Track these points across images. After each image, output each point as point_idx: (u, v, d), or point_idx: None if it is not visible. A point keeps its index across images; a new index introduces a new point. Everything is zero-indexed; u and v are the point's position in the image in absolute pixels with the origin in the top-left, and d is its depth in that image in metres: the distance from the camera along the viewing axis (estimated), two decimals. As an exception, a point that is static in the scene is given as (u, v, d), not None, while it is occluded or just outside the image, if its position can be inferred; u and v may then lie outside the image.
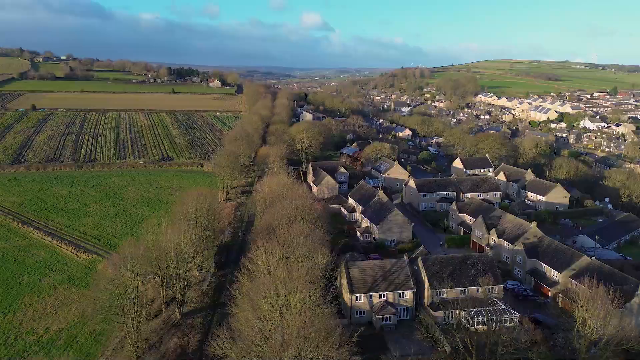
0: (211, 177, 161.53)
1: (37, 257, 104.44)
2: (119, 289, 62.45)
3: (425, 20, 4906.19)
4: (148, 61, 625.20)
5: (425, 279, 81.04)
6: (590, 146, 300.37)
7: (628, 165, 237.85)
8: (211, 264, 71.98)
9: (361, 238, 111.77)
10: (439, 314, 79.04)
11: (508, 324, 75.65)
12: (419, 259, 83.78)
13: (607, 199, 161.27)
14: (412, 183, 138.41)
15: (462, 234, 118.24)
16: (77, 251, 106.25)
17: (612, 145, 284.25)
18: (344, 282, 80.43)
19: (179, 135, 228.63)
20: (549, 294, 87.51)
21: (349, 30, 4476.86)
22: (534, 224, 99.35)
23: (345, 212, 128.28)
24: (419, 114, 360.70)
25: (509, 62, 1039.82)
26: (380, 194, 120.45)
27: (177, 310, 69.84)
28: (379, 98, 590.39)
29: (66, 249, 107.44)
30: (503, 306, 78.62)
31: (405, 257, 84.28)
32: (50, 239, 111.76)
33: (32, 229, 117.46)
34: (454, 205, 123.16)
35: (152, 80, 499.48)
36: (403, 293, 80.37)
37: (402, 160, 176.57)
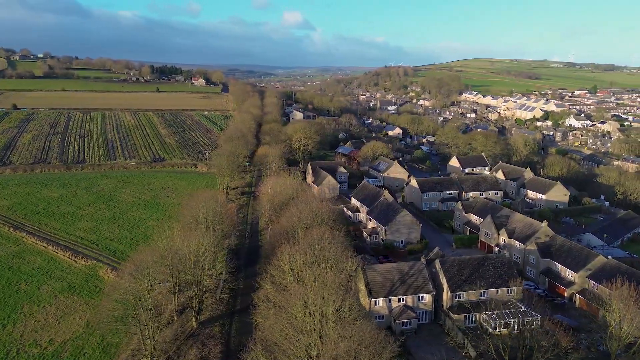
0: (207, 178, 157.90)
1: (32, 264, 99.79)
2: (135, 299, 59.16)
3: (406, 20, 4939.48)
4: (128, 59, 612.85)
5: (445, 281, 79.40)
6: (576, 144, 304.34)
7: (616, 163, 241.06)
8: (223, 270, 69.02)
9: (368, 239, 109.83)
10: (459, 317, 77.57)
11: (530, 327, 74.78)
12: (437, 261, 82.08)
13: (602, 197, 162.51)
14: (414, 182, 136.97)
15: (468, 233, 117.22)
16: (75, 257, 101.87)
17: (598, 142, 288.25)
18: (362, 286, 78.19)
19: (168, 135, 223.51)
20: (565, 294, 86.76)
21: (331, 29, 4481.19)
22: (545, 223, 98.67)
23: (349, 213, 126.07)
24: (408, 112, 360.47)
25: (489, 60, 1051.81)
26: (386, 194, 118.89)
27: (193, 319, 66.72)
28: (364, 97, 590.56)
29: (63, 255, 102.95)
30: (524, 308, 77.51)
31: (422, 260, 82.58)
32: (46, 245, 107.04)
33: (24, 234, 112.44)
34: (459, 205, 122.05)
35: (134, 79, 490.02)
36: (422, 296, 78.60)
37: (400, 159, 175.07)
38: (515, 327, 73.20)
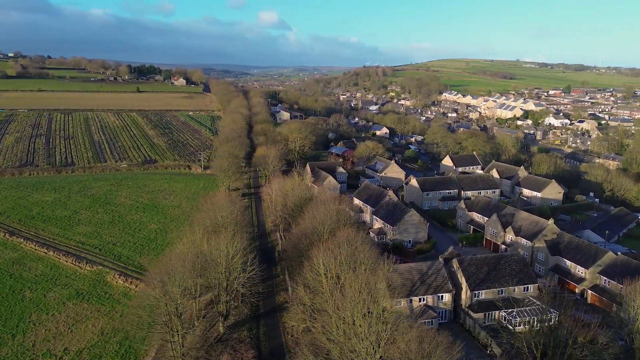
0: (204, 180, 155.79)
1: (35, 271, 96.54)
2: (166, 305, 57.80)
3: (380, 20, 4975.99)
4: (103, 59, 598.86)
5: (463, 280, 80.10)
6: (557, 142, 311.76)
7: (597, 160, 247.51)
8: (253, 273, 67.84)
9: (376, 239, 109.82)
10: (479, 315, 78.37)
11: (549, 323, 76.05)
12: (455, 260, 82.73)
13: (592, 194, 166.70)
14: (414, 182, 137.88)
15: (471, 232, 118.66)
16: (79, 262, 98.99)
17: (578, 141, 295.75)
18: (382, 287, 78.31)
19: (156, 136, 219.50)
20: (577, 290, 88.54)
21: (306, 29, 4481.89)
22: (551, 221, 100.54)
23: (352, 213, 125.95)
24: (393, 112, 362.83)
25: (465, 61, 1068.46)
26: (390, 193, 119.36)
27: (220, 324, 65.53)
28: (344, 96, 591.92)
29: (66, 261, 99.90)
30: (542, 305, 78.73)
31: (440, 259, 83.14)
32: (46, 250, 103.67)
33: (22, 239, 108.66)
34: (462, 204, 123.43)
35: (112, 78, 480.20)
36: (442, 296, 79.09)
37: (396, 159, 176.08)
38: (535, 324, 74.69)
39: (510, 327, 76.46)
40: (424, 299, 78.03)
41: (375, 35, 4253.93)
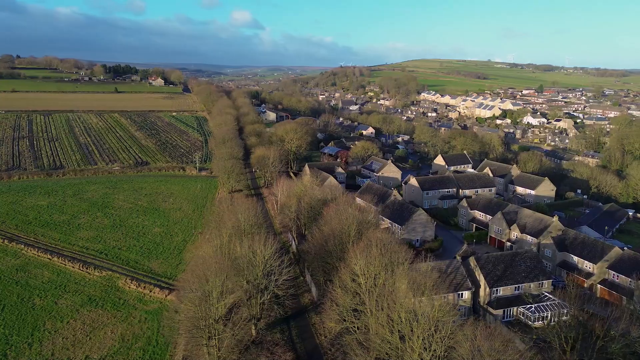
0: (201, 182, 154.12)
1: (41, 278, 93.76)
2: (205, 310, 57.32)
3: (353, 20, 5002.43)
4: (75, 58, 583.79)
5: (482, 277, 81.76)
6: (536, 140, 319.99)
7: (577, 158, 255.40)
8: (288, 275, 67.68)
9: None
10: (498, 312, 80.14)
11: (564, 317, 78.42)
12: (472, 258, 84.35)
13: (579, 191, 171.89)
14: (413, 181, 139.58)
15: (474, 230, 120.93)
16: (86, 268, 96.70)
17: (557, 139, 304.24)
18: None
19: (144, 138, 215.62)
20: (585, 284, 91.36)
21: (280, 29, 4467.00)
22: (555, 218, 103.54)
23: (355, 213, 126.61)
24: (377, 112, 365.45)
25: (438, 61, 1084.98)
26: (395, 193, 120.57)
27: (252, 327, 65.17)
28: (323, 96, 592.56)
29: (72, 267, 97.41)
30: (557, 300, 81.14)
31: (458, 257, 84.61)
32: (50, 256, 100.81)
33: (22, 245, 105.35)
34: (464, 202, 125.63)
35: (86, 78, 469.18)
36: (462, 293, 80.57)
37: (392, 159, 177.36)
38: (552, 319, 76.97)
39: (530, 322, 78.77)
40: (445, 297, 79.28)
41: (349, 36, 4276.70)
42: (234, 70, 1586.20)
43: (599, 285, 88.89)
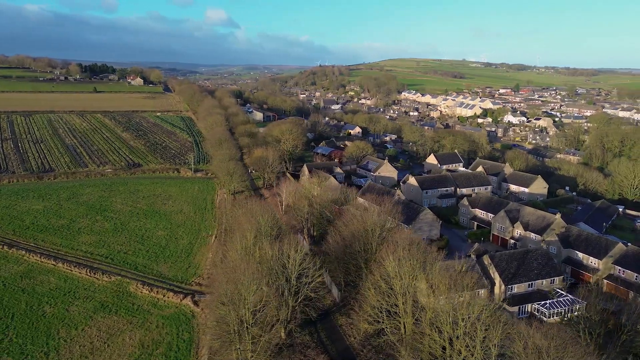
0: (198, 183, 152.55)
1: (48, 284, 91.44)
2: (243, 314, 57.07)
3: (329, 19, 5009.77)
4: (31, 55, 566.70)
5: (497, 275, 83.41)
6: (517, 139, 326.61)
7: (558, 156, 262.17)
8: (320, 278, 67.64)
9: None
10: (514, 309, 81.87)
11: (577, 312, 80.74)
12: (486, 257, 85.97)
13: (567, 188, 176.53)
14: (412, 180, 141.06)
15: (475, 228, 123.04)
16: (94, 273, 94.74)
17: (537, 137, 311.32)
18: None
19: (132, 139, 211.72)
20: (591, 280, 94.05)
21: (255, 27, 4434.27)
22: (558, 216, 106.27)
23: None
24: (361, 112, 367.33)
25: (415, 60, 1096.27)
26: (399, 192, 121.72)
27: (282, 330, 65.05)
28: (303, 95, 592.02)
29: (79, 272, 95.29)
30: (570, 296, 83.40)
31: (472, 256, 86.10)
32: (54, 262, 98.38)
33: (23, 251, 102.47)
34: (464, 201, 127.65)
35: (62, 78, 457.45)
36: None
37: (387, 159, 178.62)
38: (566, 315, 79.11)
39: (544, 318, 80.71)
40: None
41: (325, 35, 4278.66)
42: (208, 69, 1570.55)
43: (605, 281, 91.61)
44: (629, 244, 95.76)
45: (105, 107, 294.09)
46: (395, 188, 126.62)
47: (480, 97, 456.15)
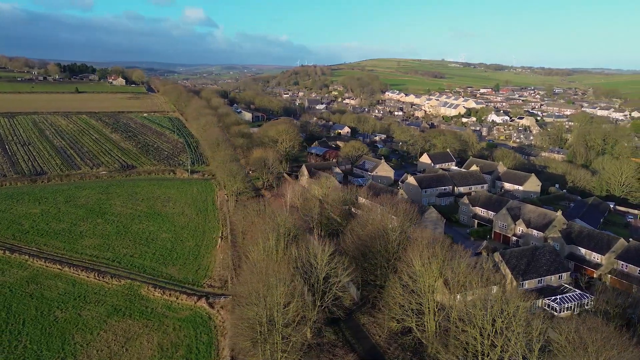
0: (196, 184, 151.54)
1: (56, 289, 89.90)
2: (273, 315, 57.32)
3: (308, 19, 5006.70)
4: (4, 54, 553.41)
5: (508, 272, 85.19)
6: (502, 138, 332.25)
7: (543, 154, 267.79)
8: (348, 277, 68.06)
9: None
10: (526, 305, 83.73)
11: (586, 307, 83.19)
12: (497, 254, 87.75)
13: (557, 185, 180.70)
14: (412, 180, 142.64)
15: (476, 226, 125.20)
16: (103, 277, 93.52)
17: (521, 136, 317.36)
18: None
19: (122, 140, 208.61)
20: (594, 275, 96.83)
21: (234, 27, 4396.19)
22: (559, 213, 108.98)
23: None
24: (349, 112, 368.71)
25: (395, 60, 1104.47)
26: (402, 192, 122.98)
27: (308, 330, 65.41)
28: (286, 95, 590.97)
29: (87, 276, 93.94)
30: (578, 291, 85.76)
31: (484, 253, 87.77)
32: (60, 267, 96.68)
33: (26, 256, 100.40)
34: (465, 199, 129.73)
35: (41, 78, 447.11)
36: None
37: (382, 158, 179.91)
38: (575, 309, 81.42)
39: (555, 313, 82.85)
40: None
41: (304, 35, 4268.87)
42: (187, 69, 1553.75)
43: (609, 275, 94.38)
44: (630, 239, 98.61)
45: (89, 107, 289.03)
46: (398, 187, 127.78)
47: (463, 97, 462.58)
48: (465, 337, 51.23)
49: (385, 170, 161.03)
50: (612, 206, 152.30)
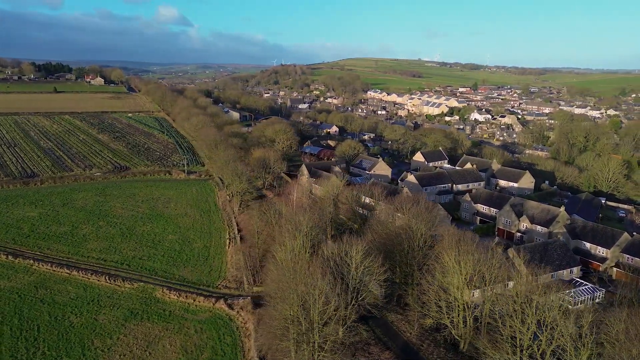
0: (195, 185, 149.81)
1: (67, 294, 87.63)
2: (305, 315, 57.36)
3: (283, 19, 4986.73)
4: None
5: (523, 267, 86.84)
6: (485, 136, 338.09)
7: (527, 152, 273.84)
8: (382, 274, 68.13)
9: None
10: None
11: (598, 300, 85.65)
12: (511, 249, 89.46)
13: (547, 182, 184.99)
14: (412, 178, 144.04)
15: (478, 222, 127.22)
16: (114, 280, 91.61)
17: (505, 134, 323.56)
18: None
19: (111, 141, 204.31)
20: (600, 268, 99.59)
21: (209, 26, 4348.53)
22: (562, 209, 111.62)
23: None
24: (335, 111, 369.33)
25: (373, 60, 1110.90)
26: (406, 190, 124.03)
27: (340, 328, 65.42)
28: (267, 95, 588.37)
29: (98, 280, 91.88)
30: (589, 284, 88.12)
31: (499, 249, 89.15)
32: (68, 271, 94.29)
33: (31, 261, 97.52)
34: (467, 197, 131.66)
35: (15, 77, 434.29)
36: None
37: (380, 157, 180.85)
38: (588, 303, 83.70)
39: (570, 306, 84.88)
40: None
41: (280, 34, 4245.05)
42: (161, 68, 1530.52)
43: (614, 269, 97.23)
44: (634, 233, 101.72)
45: (70, 108, 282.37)
46: (402, 186, 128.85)
47: (444, 96, 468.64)
48: (511, 332, 52.17)
49: (383, 168, 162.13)
50: (603, 201, 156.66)
